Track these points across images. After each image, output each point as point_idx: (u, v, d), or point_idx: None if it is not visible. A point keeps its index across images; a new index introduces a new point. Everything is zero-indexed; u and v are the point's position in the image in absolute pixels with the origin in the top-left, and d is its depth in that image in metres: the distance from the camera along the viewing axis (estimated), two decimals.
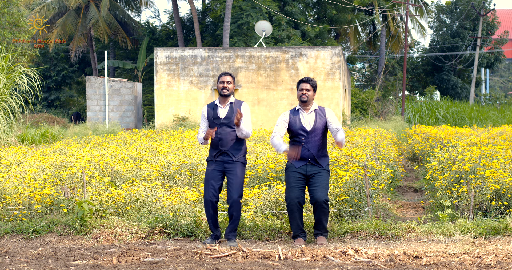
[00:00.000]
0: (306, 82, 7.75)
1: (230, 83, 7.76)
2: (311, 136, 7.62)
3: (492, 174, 8.92)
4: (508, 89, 65.13)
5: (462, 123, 31.95)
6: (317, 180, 7.57)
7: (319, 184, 7.55)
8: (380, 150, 13.80)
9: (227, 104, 7.76)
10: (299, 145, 7.61)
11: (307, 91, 7.72)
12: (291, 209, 7.61)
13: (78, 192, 9.21)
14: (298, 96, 7.76)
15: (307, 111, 7.74)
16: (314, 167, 7.61)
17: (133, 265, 6.69)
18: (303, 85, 7.74)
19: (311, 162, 7.61)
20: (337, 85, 26.05)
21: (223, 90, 7.75)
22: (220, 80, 7.78)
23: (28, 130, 19.38)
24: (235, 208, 7.64)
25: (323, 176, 7.60)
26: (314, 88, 7.76)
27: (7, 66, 16.51)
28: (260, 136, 17.69)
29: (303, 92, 7.71)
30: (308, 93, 7.72)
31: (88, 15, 37.39)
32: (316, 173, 7.59)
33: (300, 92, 7.74)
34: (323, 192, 7.54)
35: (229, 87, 7.75)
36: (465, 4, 45.70)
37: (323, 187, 7.56)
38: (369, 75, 48.33)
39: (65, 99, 40.95)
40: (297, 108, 7.81)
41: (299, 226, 7.68)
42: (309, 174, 7.60)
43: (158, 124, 26.47)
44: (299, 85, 7.77)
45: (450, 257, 6.84)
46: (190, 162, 10.81)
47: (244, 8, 33.87)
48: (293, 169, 7.63)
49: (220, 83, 7.77)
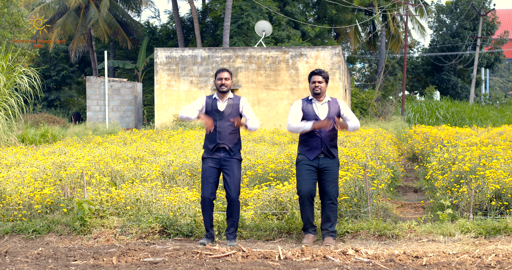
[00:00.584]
0: (318, 74, 7.73)
1: (228, 79, 7.74)
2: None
3: (492, 174, 8.93)
4: (508, 89, 65.13)
5: (462, 123, 31.95)
6: (328, 174, 7.64)
7: (330, 178, 7.64)
8: (380, 150, 13.80)
9: (226, 99, 7.76)
10: (313, 135, 7.63)
11: (319, 83, 7.71)
12: (302, 201, 7.63)
13: (78, 192, 9.21)
14: (311, 89, 7.74)
15: (320, 101, 7.77)
16: (326, 159, 7.65)
17: (133, 265, 6.69)
18: (315, 77, 7.72)
19: (324, 153, 7.64)
20: (337, 85, 26.06)
21: (222, 86, 7.73)
22: (218, 76, 7.76)
23: (28, 130, 19.38)
24: (235, 206, 7.63)
25: (334, 170, 7.67)
26: (326, 80, 7.76)
27: (7, 66, 16.51)
28: (260, 136, 17.68)
29: (316, 85, 7.71)
30: (320, 85, 7.72)
31: (88, 15, 37.39)
32: (327, 167, 7.64)
33: (313, 84, 7.72)
34: (334, 187, 7.64)
35: (227, 83, 7.73)
36: (465, 4, 45.70)
37: (334, 182, 7.65)
38: (369, 75, 48.34)
39: (65, 99, 40.95)
40: (310, 98, 7.81)
41: (309, 219, 7.68)
42: (321, 167, 7.64)
43: (158, 124, 26.46)
44: (311, 78, 7.76)
45: (450, 257, 6.84)
46: (190, 162, 10.81)
47: (244, 8, 33.87)
48: (306, 162, 7.65)
49: (218, 80, 7.75)
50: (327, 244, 7.53)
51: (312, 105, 7.74)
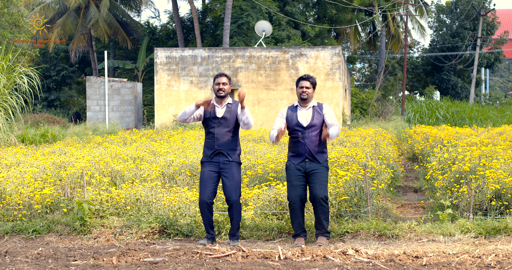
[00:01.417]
0: (306, 80, 7.76)
1: (226, 84, 7.74)
2: (308, 132, 7.64)
3: (492, 174, 8.92)
4: (508, 89, 65.13)
5: (462, 123, 31.94)
6: (315, 177, 7.60)
7: (318, 181, 7.59)
8: (380, 150, 13.80)
9: (224, 105, 7.76)
10: (297, 141, 7.64)
11: (307, 88, 7.74)
12: (293, 207, 7.63)
13: (78, 192, 9.21)
14: (298, 94, 7.77)
15: (305, 107, 7.76)
16: (312, 163, 7.63)
17: (133, 265, 6.69)
18: (303, 82, 7.75)
19: (308, 158, 7.63)
20: (337, 85, 26.06)
21: (219, 91, 7.73)
22: (216, 81, 7.77)
23: (28, 130, 19.38)
24: (236, 209, 7.62)
25: (321, 173, 7.62)
26: (313, 86, 7.79)
27: (7, 66, 16.52)
28: (260, 136, 17.68)
29: (303, 90, 7.73)
30: (308, 90, 7.74)
31: (88, 15, 37.39)
32: (314, 170, 7.61)
33: (300, 89, 7.75)
34: (321, 189, 7.57)
35: (225, 88, 7.74)
36: (465, 4, 45.70)
37: (321, 184, 7.59)
38: (369, 75, 48.34)
39: (65, 99, 40.94)
40: (295, 105, 7.84)
41: (300, 224, 7.68)
42: (308, 171, 7.63)
43: (158, 124, 26.47)
44: (299, 83, 7.78)
45: (450, 257, 6.84)
46: (190, 162, 10.81)
47: (244, 8, 33.87)
48: (293, 167, 7.66)
49: (216, 85, 7.76)
50: (320, 243, 7.56)
51: (297, 112, 7.76)
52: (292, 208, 7.64)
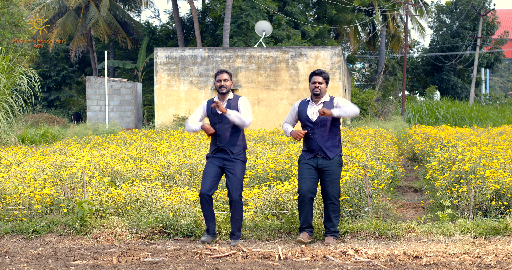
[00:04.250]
0: (319, 75, 7.70)
1: (227, 80, 7.77)
2: (318, 127, 7.62)
3: (492, 174, 8.92)
4: (508, 89, 65.13)
5: (462, 123, 31.94)
6: (327, 174, 7.60)
7: (329, 178, 7.59)
8: (380, 150, 13.80)
9: (225, 101, 7.79)
10: (308, 136, 7.65)
11: (319, 84, 7.68)
12: (302, 200, 7.59)
13: (78, 192, 9.21)
14: (311, 89, 7.72)
15: (316, 102, 7.74)
16: (324, 160, 7.61)
17: (133, 265, 6.69)
18: (316, 78, 7.69)
19: (320, 154, 7.62)
20: (337, 85, 26.06)
21: (221, 88, 7.76)
22: (217, 78, 7.80)
23: (28, 130, 19.38)
24: (236, 207, 7.62)
25: (333, 170, 7.60)
26: (326, 81, 7.73)
27: (7, 67, 16.52)
28: (260, 136, 17.69)
29: (316, 85, 7.68)
30: (320, 86, 7.69)
31: (88, 15, 37.39)
32: (326, 167, 7.60)
33: (313, 85, 7.70)
34: (333, 186, 7.58)
35: (227, 84, 7.76)
36: (465, 4, 45.69)
37: (333, 181, 7.59)
38: (369, 75, 48.34)
39: (65, 99, 40.94)
40: (307, 99, 7.82)
41: (307, 219, 7.63)
42: (320, 167, 7.62)
43: (158, 124, 26.47)
44: (312, 78, 7.73)
45: (450, 257, 6.84)
46: (190, 162, 10.81)
47: (244, 8, 33.87)
48: (305, 161, 7.67)
49: (217, 82, 7.79)
50: (327, 244, 7.51)
51: (307, 106, 7.75)
52: (301, 200, 7.61)
